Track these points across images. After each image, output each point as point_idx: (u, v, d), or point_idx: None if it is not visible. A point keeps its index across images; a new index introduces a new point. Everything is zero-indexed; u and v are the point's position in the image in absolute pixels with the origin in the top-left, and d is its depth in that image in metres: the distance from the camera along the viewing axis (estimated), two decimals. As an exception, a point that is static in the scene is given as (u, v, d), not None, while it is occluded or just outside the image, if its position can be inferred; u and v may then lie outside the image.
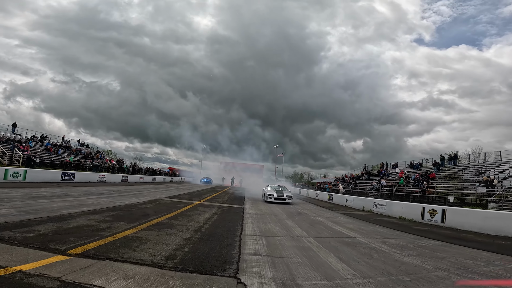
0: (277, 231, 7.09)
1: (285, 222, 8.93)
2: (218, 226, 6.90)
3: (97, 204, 8.60)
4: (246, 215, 9.60)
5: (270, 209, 12.48)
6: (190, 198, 14.33)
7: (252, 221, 8.35)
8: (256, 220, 8.62)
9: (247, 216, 9.35)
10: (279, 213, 11.21)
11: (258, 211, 11.24)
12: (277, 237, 6.21)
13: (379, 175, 25.73)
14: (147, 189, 18.31)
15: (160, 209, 9.12)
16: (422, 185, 17.29)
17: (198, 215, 8.39)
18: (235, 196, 19.58)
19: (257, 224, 7.92)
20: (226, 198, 16.59)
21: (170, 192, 17.25)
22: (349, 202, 18.86)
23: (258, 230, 6.95)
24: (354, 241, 6.50)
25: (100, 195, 11.53)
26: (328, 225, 9.12)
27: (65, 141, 35.50)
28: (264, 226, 7.61)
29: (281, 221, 9.09)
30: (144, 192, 15.90)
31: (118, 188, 16.71)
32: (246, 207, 12.39)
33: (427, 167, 22.90)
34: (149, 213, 7.94)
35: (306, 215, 11.71)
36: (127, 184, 22.72)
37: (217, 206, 11.80)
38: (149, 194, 14.44)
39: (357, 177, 29.67)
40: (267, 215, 10.21)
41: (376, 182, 22.20)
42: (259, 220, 8.69)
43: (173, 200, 12.48)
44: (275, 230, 7.15)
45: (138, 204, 9.85)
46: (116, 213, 7.38)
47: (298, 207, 15.20)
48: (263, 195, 18.04)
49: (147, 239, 4.77)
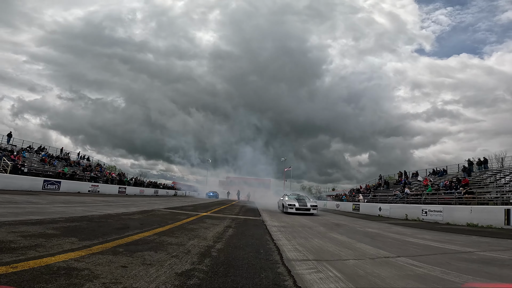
0: (334, 249, 4.32)
1: (330, 235, 6.12)
2: (237, 245, 4.15)
3: (60, 213, 5.98)
4: (272, 228, 6.83)
5: (297, 221, 9.66)
6: (194, 210, 11.59)
7: (286, 236, 5.58)
8: (289, 235, 5.84)
9: (274, 230, 6.58)
10: (311, 225, 8.39)
11: (283, 223, 8.44)
12: (348, 261, 3.44)
13: (398, 184, 24.12)
14: (145, 201, 15.63)
15: (150, 221, 6.43)
16: (457, 191, 15.06)
17: (205, 229, 5.67)
18: (247, 208, 16.71)
19: (295, 240, 5.13)
20: (238, 210, 13.77)
21: (171, 204, 14.53)
22: (384, 211, 16.00)
23: (304, 249, 4.18)
24: (486, 258, 3.72)
25: (78, 204, 8.91)
26: (395, 237, 6.28)
27: (64, 153, 33.72)
28: (308, 243, 4.83)
29: (324, 234, 6.29)
30: (139, 203, 13.22)
31: (109, 199, 14.08)
32: (266, 219, 9.60)
33: (453, 174, 21.04)
34: (131, 225, 5.26)
35: (347, 226, 8.85)
36: (124, 196, 20.05)
37: (228, 218, 9.05)
38: (144, 205, 11.76)
39: (374, 188, 27.74)
40: (299, 228, 7.40)
41: (399, 191, 19.94)
42: (294, 235, 5.90)
43: (172, 211, 9.78)
44: (331, 248, 4.37)
45: (123, 214, 7.19)
46: (77, 224, 4.73)
47: (328, 218, 12.30)
48: (281, 206, 15.23)
49: (90, 275, 2.12)
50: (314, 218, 11.76)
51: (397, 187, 23.67)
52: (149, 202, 14.74)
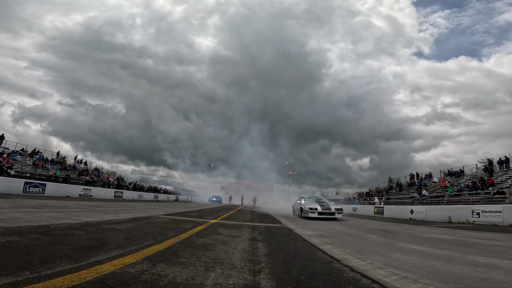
0: (456, 269, 2.41)
1: (407, 247, 4.16)
2: (295, 277, 2.18)
3: (10, 221, 4.07)
4: (312, 239, 4.86)
5: (329, 227, 7.71)
6: (200, 216, 9.64)
7: (345, 250, 3.61)
8: (347, 248, 3.86)
9: (316, 241, 4.60)
10: (354, 232, 6.47)
11: (317, 231, 6.47)
12: None
13: (412, 187, 23.22)
14: (142, 206, 13.68)
15: (142, 233, 4.48)
16: (484, 192, 13.98)
17: (225, 245, 3.70)
18: (257, 213, 14.72)
19: (367, 256, 3.17)
20: (249, 216, 11.79)
21: (172, 209, 12.58)
22: (416, 214, 14.25)
23: (408, 273, 2.27)
24: None
25: (52, 209, 6.97)
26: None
27: (60, 157, 32.00)
28: (396, 261, 2.86)
29: (391, 245, 4.34)
30: (134, 208, 11.28)
31: (100, 204, 12.14)
32: (290, 226, 7.62)
33: (470, 174, 20.33)
34: (109, 241, 3.33)
35: (404, 232, 6.87)
36: (119, 201, 18.07)
37: (245, 226, 7.10)
38: (140, 211, 9.83)
39: (385, 190, 26.84)
40: (344, 237, 5.44)
41: (417, 193, 18.89)
42: (353, 247, 3.91)
43: (174, 218, 7.84)
44: (445, 268, 2.45)
45: (107, 223, 5.25)
46: (16, 240, 2.83)
47: (360, 222, 10.36)
48: (297, 210, 13.37)
49: None
50: (343, 223, 9.79)
51: (410, 189, 22.75)
52: (147, 207, 12.80)
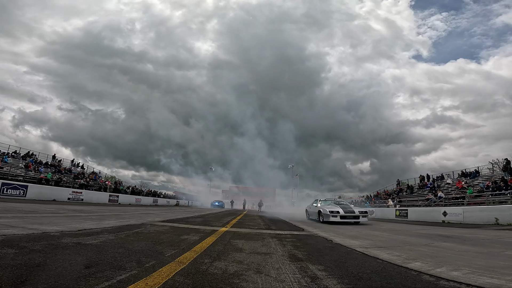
0: None
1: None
2: None
3: None
4: (384, 255, 3.30)
5: (369, 233, 6.14)
6: (205, 223, 8.05)
7: (494, 275, 2.10)
8: (445, 266, 2.35)
9: (392, 257, 3.03)
10: (417, 240, 4.87)
11: (364, 240, 4.86)
12: None
13: (424, 188, 22.50)
14: (138, 211, 12.08)
15: (124, 251, 2.88)
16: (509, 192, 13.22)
17: (259, 274, 2.13)
18: (268, 218, 13.09)
19: None
20: (261, 222, 10.19)
21: (172, 215, 11.00)
22: (451, 216, 13.17)
23: None
24: None
25: (16, 214, 5.41)
26: None
27: (56, 160, 30.61)
28: None
29: (496, 255, 2.80)
30: (128, 213, 9.70)
31: (86, 208, 10.56)
32: (321, 233, 6.05)
33: (487, 175, 19.47)
34: (43, 274, 1.81)
35: (472, 238, 5.31)
36: (114, 205, 16.45)
37: (266, 235, 5.53)
38: (134, 217, 8.26)
39: (395, 192, 26.06)
40: (422, 247, 3.85)
41: (433, 195, 18.10)
42: (481, 267, 2.40)
43: (173, 226, 6.26)
44: None
45: (78, 234, 3.68)
46: None
47: (398, 227, 8.72)
48: (314, 214, 11.98)
49: None
50: (376, 228, 8.21)
51: (421, 191, 22.09)
52: (143, 212, 11.22)
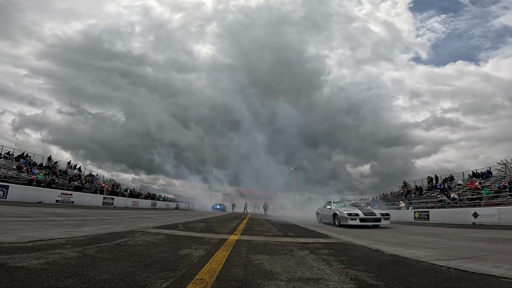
0: None
1: None
2: None
3: None
4: (486, 269, 2.06)
5: (413, 239, 4.82)
6: (210, 229, 6.73)
7: None
8: None
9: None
10: (484, 246, 3.59)
11: (418, 249, 3.60)
12: None
13: (433, 190, 22.00)
14: (132, 215, 10.77)
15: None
16: None
17: None
18: (277, 222, 11.75)
19: None
20: (274, 227, 8.83)
21: (170, 219, 9.69)
22: (483, 217, 12.33)
23: None
24: None
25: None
26: None
27: (51, 162, 29.42)
28: None
29: None
30: (118, 218, 8.39)
31: (74, 211, 9.24)
32: (354, 240, 4.75)
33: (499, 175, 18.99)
34: None
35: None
36: (108, 208, 15.13)
37: (290, 245, 4.22)
38: (124, 221, 6.95)
39: (403, 194, 25.55)
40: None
41: (445, 196, 17.38)
42: None
43: (170, 235, 4.95)
44: None
45: (25, 248, 2.43)
46: None
47: (434, 231, 7.42)
48: (327, 217, 10.88)
49: None
50: (407, 231, 6.89)
51: (431, 193, 21.68)
52: (137, 216, 9.93)
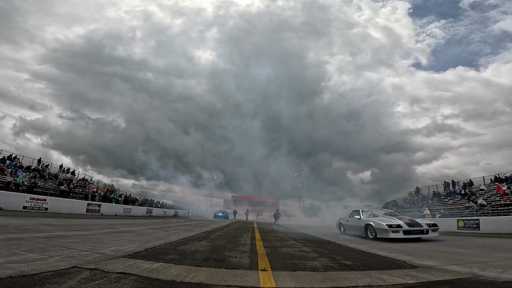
0: None
1: None
2: None
3: None
4: None
5: None
6: (217, 256, 4.23)
7: None
8: None
9: None
10: None
11: None
12: None
13: (452, 196, 21.03)
14: (110, 227, 8.30)
15: None
16: None
17: None
18: (297, 236, 9.28)
19: None
20: (306, 246, 6.37)
21: (162, 234, 7.25)
22: None
23: None
24: None
25: None
26: None
27: (42, 165, 27.23)
28: None
29: None
30: (82, 235, 5.95)
31: (21, 222, 6.80)
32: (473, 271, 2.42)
33: None
34: None
35: None
36: (87, 217, 12.60)
37: None
38: (85, 241, 4.51)
39: (417, 201, 23.97)
40: None
41: (472, 202, 16.20)
42: None
43: (148, 278, 2.56)
44: None
45: None
46: None
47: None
48: (361, 229, 8.80)
49: None
50: (486, 245, 4.48)
51: (448, 199, 20.98)
52: (117, 230, 7.48)
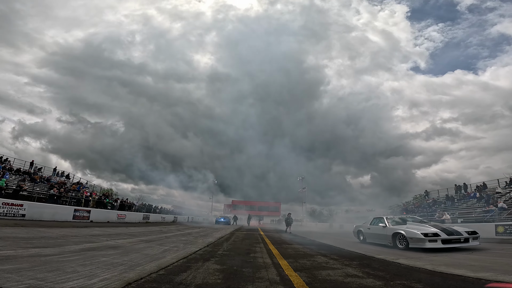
0: None
1: None
2: None
3: None
4: None
5: None
6: None
7: None
8: None
9: None
10: None
11: None
12: None
13: (465, 200, 20.65)
14: (94, 239, 6.59)
15: None
16: None
17: None
18: (320, 247, 7.57)
19: None
20: (349, 267, 4.75)
21: (155, 250, 5.57)
22: None
23: None
24: None
25: None
26: None
27: (34, 168, 25.76)
28: None
29: None
30: (53, 250, 4.25)
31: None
32: None
33: None
34: None
35: None
36: (72, 226, 10.80)
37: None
38: (31, 270, 2.85)
39: (431, 205, 23.35)
40: None
41: (494, 206, 15.64)
42: None
43: None
44: None
45: None
46: None
47: None
48: (388, 238, 7.99)
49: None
50: None
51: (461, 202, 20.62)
52: (99, 244, 5.78)
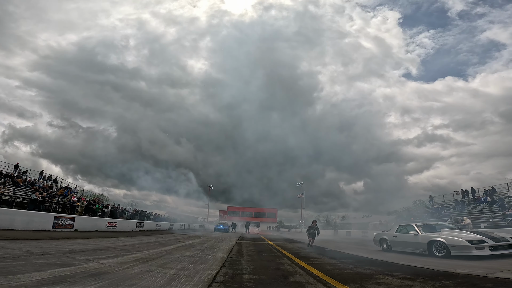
0: None
1: None
2: None
3: None
4: None
5: None
6: None
7: None
8: None
9: None
10: None
11: None
12: None
13: (476, 204, 20.64)
14: (68, 259, 4.89)
15: None
16: None
17: None
18: (344, 257, 6.00)
19: None
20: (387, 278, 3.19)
21: (157, 278, 3.92)
22: None
23: None
24: None
25: None
26: None
27: (18, 171, 23.77)
28: None
29: None
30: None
31: None
32: None
33: None
34: None
35: None
36: (52, 237, 8.89)
37: None
38: None
39: (440, 210, 23.61)
40: None
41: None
42: None
43: None
44: None
45: None
46: None
47: None
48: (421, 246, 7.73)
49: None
50: None
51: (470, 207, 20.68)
52: (72, 270, 4.05)
